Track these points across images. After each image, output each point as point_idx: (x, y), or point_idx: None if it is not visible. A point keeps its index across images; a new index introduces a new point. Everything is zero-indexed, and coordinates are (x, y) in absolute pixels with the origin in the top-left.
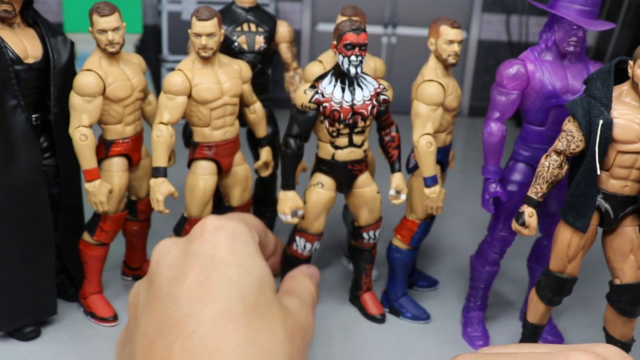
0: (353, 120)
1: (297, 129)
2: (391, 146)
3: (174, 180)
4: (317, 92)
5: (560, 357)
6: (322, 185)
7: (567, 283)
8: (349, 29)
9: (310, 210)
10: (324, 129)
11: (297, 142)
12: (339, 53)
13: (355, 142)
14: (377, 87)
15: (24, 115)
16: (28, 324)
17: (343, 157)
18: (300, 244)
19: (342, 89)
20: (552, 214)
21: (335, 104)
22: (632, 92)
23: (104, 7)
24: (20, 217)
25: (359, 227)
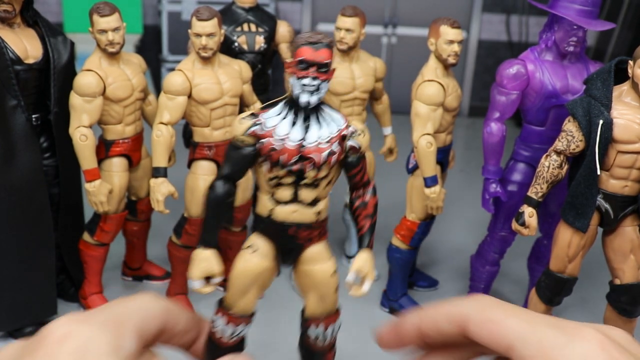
0: (299, 168)
1: (228, 168)
2: (361, 214)
3: (174, 181)
4: (256, 122)
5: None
6: (254, 250)
7: (567, 283)
8: (306, 42)
9: (235, 281)
10: (262, 175)
11: (225, 186)
12: (290, 74)
13: (302, 198)
14: (344, 127)
15: (24, 115)
16: (28, 324)
17: (283, 217)
18: (220, 325)
19: (293, 122)
20: (552, 214)
21: (275, 141)
22: (632, 92)
23: (104, 7)
24: (20, 217)
25: (304, 317)
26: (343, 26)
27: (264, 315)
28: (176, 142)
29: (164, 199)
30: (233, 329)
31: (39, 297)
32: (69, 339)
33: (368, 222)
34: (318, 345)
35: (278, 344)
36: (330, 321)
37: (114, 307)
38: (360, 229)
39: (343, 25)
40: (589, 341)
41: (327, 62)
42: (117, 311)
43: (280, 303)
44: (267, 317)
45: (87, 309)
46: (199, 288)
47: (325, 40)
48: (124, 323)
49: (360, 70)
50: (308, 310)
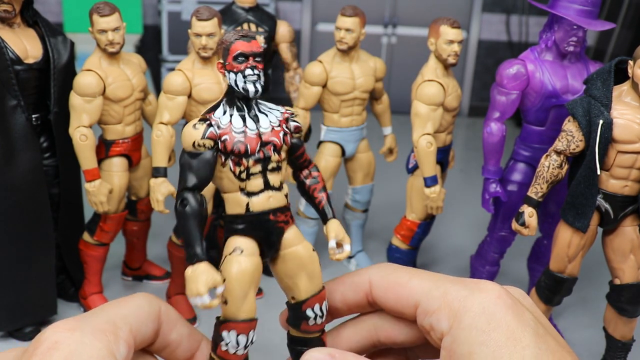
0: (264, 154)
1: (193, 178)
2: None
3: (174, 180)
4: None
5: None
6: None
7: (567, 283)
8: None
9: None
10: (227, 174)
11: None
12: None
13: (273, 183)
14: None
15: (24, 115)
16: (28, 324)
17: (261, 206)
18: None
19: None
20: (552, 214)
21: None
22: (632, 92)
23: (104, 7)
24: (20, 217)
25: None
26: (343, 26)
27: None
28: (176, 142)
29: (164, 199)
30: (246, 338)
31: (39, 297)
32: (58, 348)
33: (325, 194)
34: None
35: (278, 344)
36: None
37: (109, 310)
38: (320, 202)
39: (343, 25)
40: (487, 292)
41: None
42: (111, 315)
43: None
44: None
45: (87, 309)
46: (209, 302)
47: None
48: (117, 328)
49: (360, 70)
50: (302, 294)
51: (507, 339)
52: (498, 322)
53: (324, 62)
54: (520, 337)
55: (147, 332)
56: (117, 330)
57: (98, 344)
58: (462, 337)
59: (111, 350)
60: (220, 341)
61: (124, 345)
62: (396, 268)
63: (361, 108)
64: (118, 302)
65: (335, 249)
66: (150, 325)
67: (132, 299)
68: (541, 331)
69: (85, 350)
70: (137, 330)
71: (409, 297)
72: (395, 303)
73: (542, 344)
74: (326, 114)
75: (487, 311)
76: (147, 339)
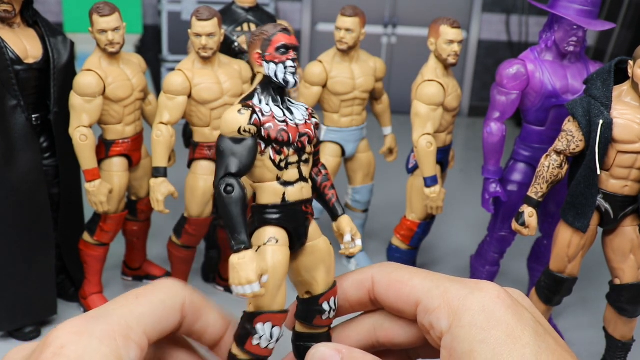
0: (301, 144)
1: (236, 163)
2: (327, 186)
3: (174, 180)
4: (254, 111)
5: (469, 282)
6: (276, 240)
7: (567, 283)
8: (279, 30)
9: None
10: (266, 162)
11: (240, 183)
12: (269, 61)
13: (305, 174)
14: (307, 108)
15: (24, 115)
16: (28, 324)
17: (296, 197)
18: (266, 333)
19: (278, 107)
20: (552, 214)
21: (280, 123)
22: (632, 92)
23: (104, 7)
24: (20, 217)
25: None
26: (343, 26)
27: None
28: (176, 142)
29: (164, 199)
30: (279, 330)
31: (39, 297)
32: (64, 353)
33: (334, 191)
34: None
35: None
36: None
37: (125, 307)
38: (330, 199)
39: (343, 25)
40: (487, 291)
41: (298, 45)
42: (125, 314)
43: None
44: None
45: (87, 309)
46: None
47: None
48: (129, 330)
49: (360, 70)
50: (320, 288)
51: (507, 337)
52: (498, 320)
53: (324, 62)
54: (520, 336)
55: (166, 328)
56: (129, 332)
57: (105, 349)
58: (462, 335)
59: (119, 356)
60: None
61: (134, 349)
62: (398, 267)
63: (361, 108)
64: (137, 295)
65: (350, 243)
66: (171, 320)
67: (154, 292)
68: (541, 330)
69: (91, 356)
70: (152, 329)
71: (410, 295)
72: (396, 301)
73: (542, 342)
74: (326, 114)
75: (486, 310)
76: (167, 332)
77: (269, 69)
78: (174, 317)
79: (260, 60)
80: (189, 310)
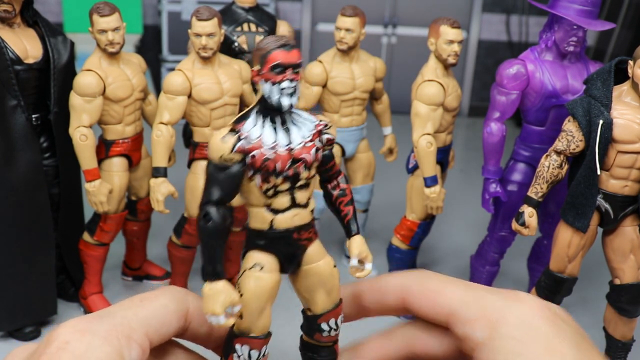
0: (294, 171)
1: (218, 192)
2: (343, 202)
3: (174, 180)
4: (240, 137)
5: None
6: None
7: (567, 283)
8: (276, 46)
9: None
10: (254, 189)
11: (220, 211)
12: (265, 80)
13: (299, 200)
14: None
15: (24, 115)
16: (28, 324)
17: (285, 224)
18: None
19: (274, 129)
20: (552, 214)
21: (266, 151)
22: (632, 92)
23: (104, 7)
24: (20, 217)
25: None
26: (343, 26)
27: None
28: (176, 142)
29: (164, 199)
30: (258, 352)
31: (39, 297)
32: (67, 349)
33: (351, 208)
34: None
35: (279, 344)
36: (339, 312)
37: (129, 309)
38: (346, 216)
39: (343, 25)
40: (525, 303)
41: (300, 62)
42: (128, 316)
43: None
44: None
45: (87, 309)
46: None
47: (292, 42)
48: (131, 331)
49: (360, 70)
50: (318, 308)
51: (545, 350)
52: (536, 333)
53: (324, 62)
54: (559, 349)
55: (168, 332)
56: (132, 333)
57: (107, 348)
58: (498, 348)
59: (121, 354)
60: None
61: (136, 350)
62: (431, 275)
63: (361, 108)
64: (142, 299)
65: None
66: (174, 324)
67: (158, 297)
68: (582, 344)
69: (94, 353)
70: (155, 332)
71: (444, 305)
72: (428, 310)
73: (583, 357)
74: (326, 114)
75: (525, 322)
76: (169, 336)
77: (264, 89)
78: (176, 322)
79: (257, 77)
80: (193, 316)
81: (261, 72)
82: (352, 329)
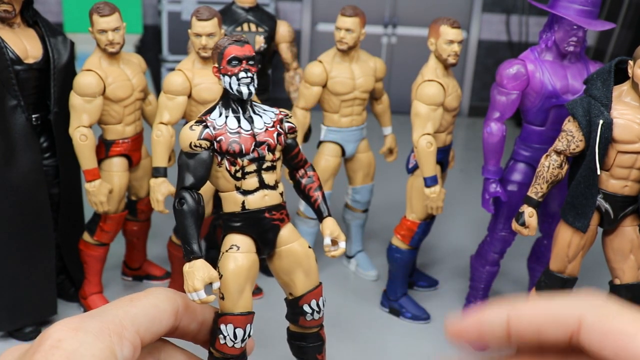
0: (259, 153)
1: (190, 177)
2: (312, 188)
3: (174, 180)
4: (206, 125)
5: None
6: (237, 247)
7: (567, 283)
8: (230, 42)
9: (229, 284)
10: (224, 173)
11: (193, 196)
12: (224, 74)
13: (268, 181)
14: (279, 112)
15: (24, 115)
16: (28, 324)
17: (256, 204)
18: (229, 333)
19: (237, 118)
20: (552, 214)
21: (231, 135)
22: (632, 92)
23: (104, 7)
24: (20, 217)
25: (295, 299)
26: (343, 26)
27: (263, 315)
28: (176, 141)
29: (164, 199)
30: (243, 331)
31: (39, 297)
32: (60, 346)
33: (320, 193)
34: (315, 320)
35: (278, 343)
36: (319, 293)
37: (119, 308)
38: (316, 201)
39: (343, 25)
40: None
41: (253, 55)
42: (119, 314)
43: (279, 303)
44: (267, 317)
45: (87, 309)
46: (205, 298)
47: (244, 38)
48: (123, 329)
49: (360, 70)
50: (298, 289)
51: None
52: None
53: (324, 62)
54: None
55: (159, 330)
56: (123, 331)
57: (100, 344)
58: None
59: (113, 351)
60: (219, 334)
61: (128, 347)
62: (619, 310)
63: (361, 108)
64: (132, 299)
65: (330, 246)
66: (164, 323)
67: (148, 296)
68: None
69: (87, 350)
70: (146, 330)
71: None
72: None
73: None
74: (326, 114)
75: None
76: (160, 334)
77: (224, 81)
78: (166, 320)
79: (217, 74)
80: (183, 314)
81: (220, 68)
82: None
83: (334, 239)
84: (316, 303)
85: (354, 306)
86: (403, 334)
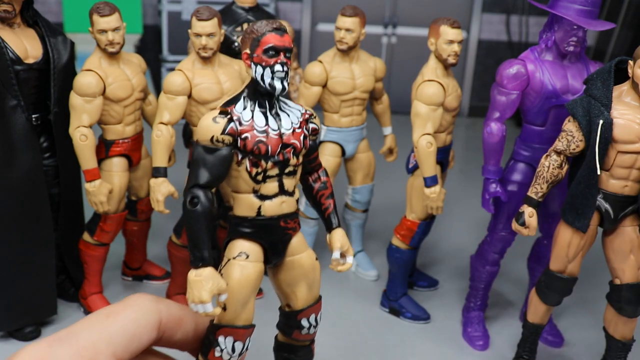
0: (284, 156)
1: (206, 175)
2: (324, 195)
3: (174, 180)
4: (231, 119)
5: None
6: (246, 256)
7: (567, 283)
8: (270, 29)
9: (234, 294)
10: (242, 174)
11: (208, 195)
12: (256, 63)
13: (287, 187)
14: (305, 111)
15: (24, 115)
16: (28, 324)
17: (273, 211)
18: (228, 346)
19: (264, 114)
20: (552, 214)
21: (259, 134)
22: (632, 92)
23: (104, 7)
24: (20, 217)
25: (293, 312)
26: (343, 26)
27: (263, 316)
28: (176, 142)
29: (164, 199)
30: (242, 345)
31: (39, 297)
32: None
33: (332, 201)
34: (309, 335)
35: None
36: (319, 308)
37: (94, 328)
38: (327, 209)
39: (343, 25)
40: None
41: (292, 47)
42: (93, 337)
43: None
44: (266, 318)
45: (87, 309)
46: (212, 311)
47: (284, 26)
48: (97, 354)
49: (360, 70)
50: (299, 303)
51: None
52: None
53: (324, 62)
54: None
55: (139, 347)
56: (97, 356)
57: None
58: None
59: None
60: (215, 346)
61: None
62: None
63: (361, 108)
64: (108, 314)
65: (339, 260)
66: (145, 338)
67: (127, 309)
68: None
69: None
70: (124, 350)
71: None
72: None
73: None
74: (326, 114)
75: None
76: (140, 350)
77: (256, 71)
78: (147, 335)
79: (248, 61)
80: (166, 326)
81: (253, 55)
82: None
83: (342, 252)
84: (315, 318)
85: (354, 306)
86: (403, 334)
